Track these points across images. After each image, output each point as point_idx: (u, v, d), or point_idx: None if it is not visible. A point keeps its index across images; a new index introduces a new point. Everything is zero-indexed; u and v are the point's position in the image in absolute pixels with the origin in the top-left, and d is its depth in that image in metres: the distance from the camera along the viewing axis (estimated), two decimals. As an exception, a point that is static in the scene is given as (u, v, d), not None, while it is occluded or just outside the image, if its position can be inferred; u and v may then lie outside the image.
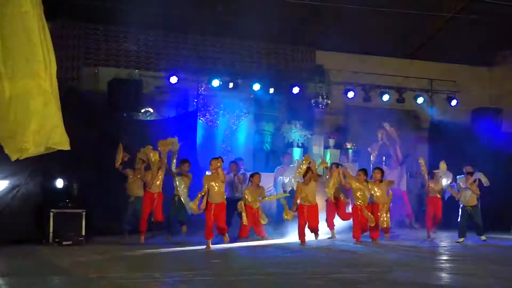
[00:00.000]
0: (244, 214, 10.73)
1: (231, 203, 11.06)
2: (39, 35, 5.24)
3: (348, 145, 16.04)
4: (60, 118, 5.28)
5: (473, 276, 7.56)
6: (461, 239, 11.41)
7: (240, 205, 10.83)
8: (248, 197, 10.91)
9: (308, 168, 10.73)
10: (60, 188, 9.83)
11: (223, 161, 9.95)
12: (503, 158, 14.40)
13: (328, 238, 11.57)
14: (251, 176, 11.29)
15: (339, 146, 16.13)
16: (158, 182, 10.45)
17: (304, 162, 10.81)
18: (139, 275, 6.96)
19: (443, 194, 12.24)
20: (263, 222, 11.06)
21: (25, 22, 5.17)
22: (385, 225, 10.96)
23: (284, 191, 11.40)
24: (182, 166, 10.69)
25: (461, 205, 11.60)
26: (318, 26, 16.51)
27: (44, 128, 5.21)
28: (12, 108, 5.22)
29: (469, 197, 11.47)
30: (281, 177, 11.97)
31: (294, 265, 8.24)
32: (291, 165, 11.69)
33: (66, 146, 5.30)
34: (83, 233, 9.57)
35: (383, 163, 14.03)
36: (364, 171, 11.38)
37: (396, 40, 16.93)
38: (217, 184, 9.75)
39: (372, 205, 11.02)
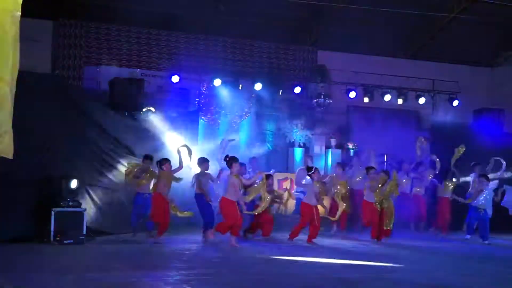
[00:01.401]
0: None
1: None
2: (14, 38, 5.14)
3: (350, 145, 16.04)
4: (10, 125, 5.15)
5: (473, 276, 7.56)
6: (469, 237, 11.54)
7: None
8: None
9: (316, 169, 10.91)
10: (61, 187, 9.83)
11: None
12: (504, 158, 14.36)
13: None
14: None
15: (340, 146, 16.13)
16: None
17: None
18: (140, 273, 6.96)
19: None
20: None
21: (4, 23, 5.08)
22: (389, 227, 11.10)
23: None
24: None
25: (474, 205, 11.63)
26: (320, 26, 16.52)
27: None
28: None
29: (483, 199, 11.48)
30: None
31: (294, 264, 8.24)
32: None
33: (10, 155, 5.16)
34: (84, 232, 9.56)
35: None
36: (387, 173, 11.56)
37: (398, 40, 16.94)
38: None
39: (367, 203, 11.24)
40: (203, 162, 10.75)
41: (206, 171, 10.74)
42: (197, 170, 10.75)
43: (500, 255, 10.25)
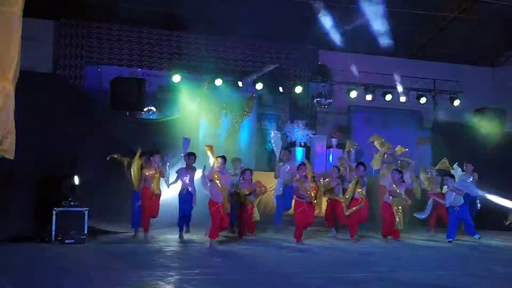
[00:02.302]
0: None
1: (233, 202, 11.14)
2: (19, 38, 5.16)
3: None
4: (14, 125, 5.15)
5: (474, 277, 7.56)
6: (451, 239, 11.41)
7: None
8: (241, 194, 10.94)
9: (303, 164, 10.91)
10: (63, 187, 9.85)
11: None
12: (505, 158, 14.37)
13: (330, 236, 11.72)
14: (242, 173, 11.13)
15: (341, 145, 16.11)
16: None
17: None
18: (141, 273, 6.97)
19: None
20: (256, 219, 11.10)
21: (11, 23, 5.09)
22: (399, 227, 11.09)
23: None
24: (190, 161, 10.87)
25: (447, 205, 11.55)
26: (321, 26, 16.49)
27: None
28: None
29: (453, 197, 11.40)
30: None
31: (295, 265, 8.25)
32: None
33: (11, 156, 5.16)
34: (85, 232, 9.58)
35: None
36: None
37: (400, 40, 16.91)
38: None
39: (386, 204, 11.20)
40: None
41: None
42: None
43: (501, 255, 10.24)
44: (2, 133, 4.96)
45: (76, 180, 9.86)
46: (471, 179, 12.51)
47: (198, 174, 10.80)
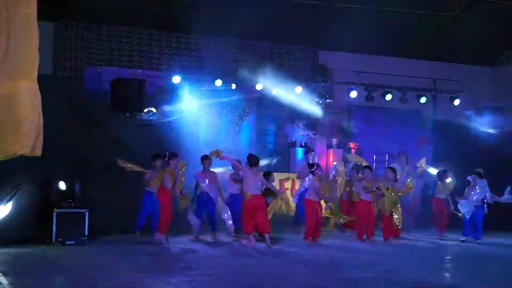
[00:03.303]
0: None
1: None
2: (38, 38, 5.24)
3: (351, 145, 16.03)
4: (42, 123, 5.24)
5: (475, 276, 7.56)
6: (464, 238, 11.46)
7: None
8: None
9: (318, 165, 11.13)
10: (63, 188, 9.85)
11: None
12: (506, 157, 14.37)
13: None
14: (269, 175, 11.30)
15: (341, 146, 16.12)
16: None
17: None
18: (142, 274, 6.97)
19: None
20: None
21: (30, 24, 5.17)
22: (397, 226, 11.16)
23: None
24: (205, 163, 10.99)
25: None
26: (321, 26, 16.50)
27: (32, 131, 5.15)
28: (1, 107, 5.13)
29: (475, 196, 11.40)
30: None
31: (296, 264, 8.25)
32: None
33: (39, 153, 5.30)
34: (86, 233, 9.58)
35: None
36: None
37: (399, 39, 16.91)
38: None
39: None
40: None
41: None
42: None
43: (502, 255, 10.25)
44: (36, 133, 5.09)
45: (62, 185, 9.86)
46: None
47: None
